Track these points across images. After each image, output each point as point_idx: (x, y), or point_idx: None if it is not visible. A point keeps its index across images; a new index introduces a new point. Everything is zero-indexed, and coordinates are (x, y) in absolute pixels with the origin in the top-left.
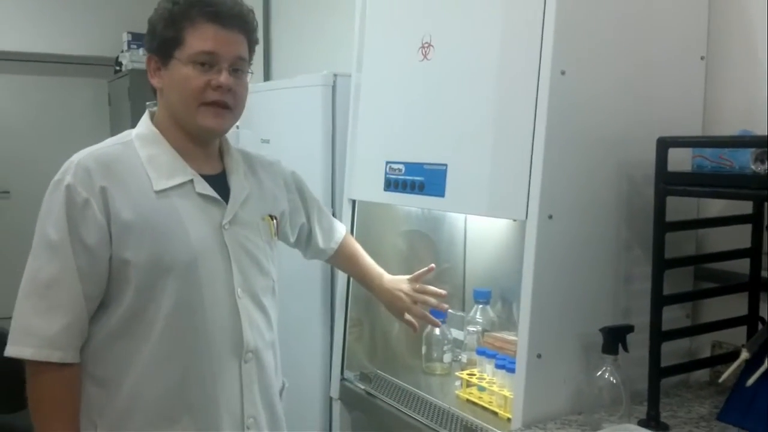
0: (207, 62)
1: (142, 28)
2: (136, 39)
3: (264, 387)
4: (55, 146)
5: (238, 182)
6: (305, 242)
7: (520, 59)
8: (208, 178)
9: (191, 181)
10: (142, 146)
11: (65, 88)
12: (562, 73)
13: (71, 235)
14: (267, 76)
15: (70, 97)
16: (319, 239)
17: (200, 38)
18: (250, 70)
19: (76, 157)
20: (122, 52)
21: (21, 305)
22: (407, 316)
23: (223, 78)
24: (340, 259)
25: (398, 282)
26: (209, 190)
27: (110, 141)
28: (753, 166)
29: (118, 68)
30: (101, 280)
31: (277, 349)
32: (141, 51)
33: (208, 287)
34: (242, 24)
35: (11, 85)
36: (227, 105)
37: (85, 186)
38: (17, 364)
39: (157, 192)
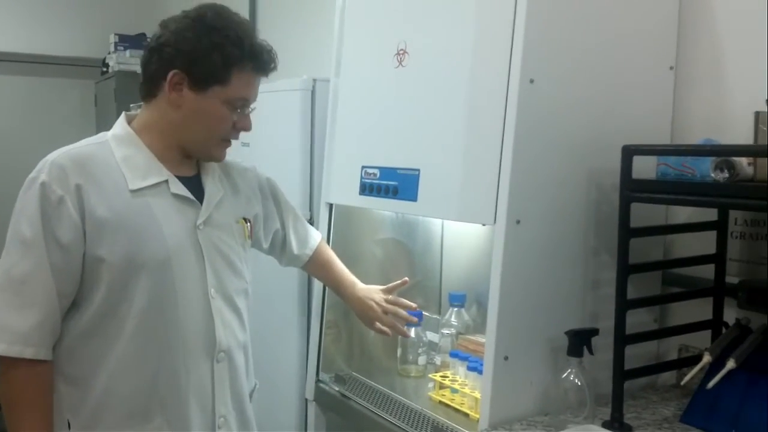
0: (240, 106)
1: (129, 30)
2: (123, 41)
3: (235, 387)
4: (40, 146)
5: (212, 184)
6: (280, 249)
7: (490, 68)
8: (182, 180)
9: (166, 181)
10: (117, 147)
11: (51, 88)
12: (531, 81)
13: (45, 233)
14: None
15: (56, 97)
16: (294, 246)
17: (244, 86)
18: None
19: (51, 156)
20: (109, 53)
21: None
22: (377, 325)
23: (249, 123)
24: (315, 267)
25: (370, 291)
26: (184, 191)
27: (85, 141)
28: (713, 174)
29: (104, 69)
30: (75, 278)
31: (248, 351)
32: (128, 53)
33: (181, 286)
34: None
35: None
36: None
37: (60, 184)
38: None
39: (132, 191)
